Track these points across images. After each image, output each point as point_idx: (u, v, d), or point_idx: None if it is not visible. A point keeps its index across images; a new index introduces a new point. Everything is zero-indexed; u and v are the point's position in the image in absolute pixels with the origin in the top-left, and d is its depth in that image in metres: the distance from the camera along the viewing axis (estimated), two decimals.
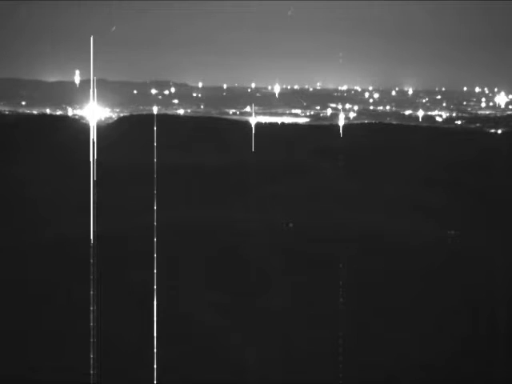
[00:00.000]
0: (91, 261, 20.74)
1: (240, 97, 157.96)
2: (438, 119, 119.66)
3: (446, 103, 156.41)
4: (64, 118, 74.99)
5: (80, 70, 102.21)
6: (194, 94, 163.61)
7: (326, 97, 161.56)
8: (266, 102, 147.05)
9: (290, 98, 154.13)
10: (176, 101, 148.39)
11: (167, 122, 63.96)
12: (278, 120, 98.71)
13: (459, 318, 19.83)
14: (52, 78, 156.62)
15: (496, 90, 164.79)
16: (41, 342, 17.60)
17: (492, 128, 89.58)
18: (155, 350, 17.43)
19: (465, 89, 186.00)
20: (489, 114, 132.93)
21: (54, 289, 21.00)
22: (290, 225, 29.10)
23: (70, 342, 17.55)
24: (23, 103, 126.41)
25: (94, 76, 21.06)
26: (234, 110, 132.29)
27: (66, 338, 17.78)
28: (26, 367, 16.43)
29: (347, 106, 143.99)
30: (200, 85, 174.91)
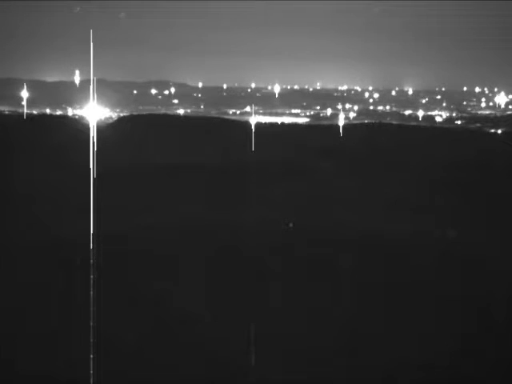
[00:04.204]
0: (91, 261, 20.75)
1: (240, 97, 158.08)
2: (438, 119, 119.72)
3: (446, 103, 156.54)
4: (64, 118, 75.02)
5: (80, 70, 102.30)
6: (194, 94, 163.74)
7: (326, 97, 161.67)
8: (266, 101, 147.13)
9: (290, 98, 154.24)
10: (176, 101, 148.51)
11: (167, 121, 64.03)
12: (278, 120, 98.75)
13: (459, 317, 19.84)
14: (52, 78, 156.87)
15: (496, 89, 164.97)
16: (37, 345, 17.62)
17: (492, 128, 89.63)
18: (155, 350, 17.45)
19: (465, 89, 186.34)
20: (489, 114, 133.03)
21: (53, 289, 21.02)
22: (290, 225, 29.11)
23: (69, 343, 17.57)
24: (23, 103, 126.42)
25: (93, 76, 21.08)
26: (234, 110, 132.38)
27: (65, 339, 17.80)
28: (24, 368, 16.45)
29: (347, 106, 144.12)
30: (200, 85, 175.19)
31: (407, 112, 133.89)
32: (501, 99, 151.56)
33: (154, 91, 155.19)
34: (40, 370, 16.29)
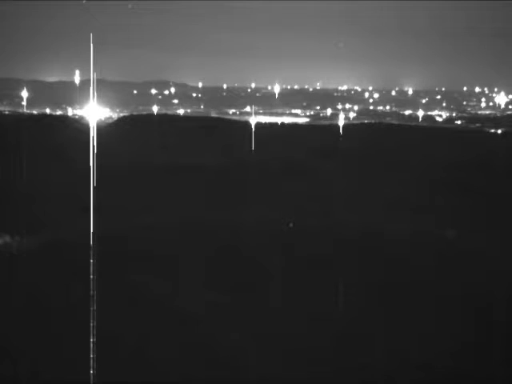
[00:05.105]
0: (91, 261, 20.74)
1: (240, 97, 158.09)
2: (438, 119, 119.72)
3: (446, 103, 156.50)
4: (64, 118, 75.00)
5: (80, 70, 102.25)
6: (194, 94, 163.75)
7: (326, 97, 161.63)
8: (266, 101, 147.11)
9: (290, 98, 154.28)
10: (176, 101, 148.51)
11: (167, 121, 64.02)
12: (278, 120, 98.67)
13: (459, 317, 19.83)
14: (52, 78, 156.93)
15: (496, 89, 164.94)
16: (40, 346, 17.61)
17: (492, 128, 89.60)
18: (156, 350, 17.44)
19: (465, 89, 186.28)
20: (489, 114, 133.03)
21: (53, 290, 21.00)
22: (290, 225, 29.11)
23: (70, 343, 17.56)
24: (23, 103, 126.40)
25: (94, 76, 21.08)
26: (233, 110, 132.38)
27: (66, 340, 17.79)
28: (25, 369, 16.44)
29: (347, 105, 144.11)
30: (200, 85, 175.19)
31: (407, 112, 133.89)
32: (501, 99, 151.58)
33: (154, 91, 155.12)
34: (39, 370, 16.28)
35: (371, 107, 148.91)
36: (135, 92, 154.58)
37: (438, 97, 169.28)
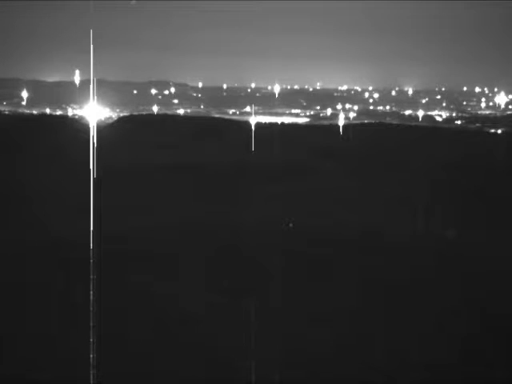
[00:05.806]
0: (91, 261, 20.75)
1: (240, 97, 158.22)
2: (438, 119, 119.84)
3: (446, 103, 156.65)
4: (64, 118, 75.07)
5: (80, 70, 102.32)
6: (194, 94, 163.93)
7: (326, 97, 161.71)
8: (266, 102, 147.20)
9: (290, 98, 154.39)
10: (176, 101, 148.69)
11: (167, 121, 64.07)
12: (278, 120, 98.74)
13: (459, 317, 19.83)
14: (52, 78, 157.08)
15: (496, 89, 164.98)
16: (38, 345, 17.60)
17: (492, 128, 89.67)
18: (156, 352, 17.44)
19: (465, 89, 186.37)
20: (489, 114, 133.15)
21: (53, 290, 21.00)
22: (290, 225, 29.11)
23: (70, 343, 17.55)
24: (23, 103, 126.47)
25: (93, 76, 21.10)
26: (233, 110, 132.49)
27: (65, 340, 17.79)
28: (24, 368, 16.43)
29: (347, 106, 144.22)
30: (200, 85, 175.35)
31: (407, 112, 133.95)
32: (501, 99, 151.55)
33: (153, 91, 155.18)
34: (38, 370, 16.28)
35: (371, 107, 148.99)
36: (135, 92, 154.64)
37: (438, 97, 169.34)
